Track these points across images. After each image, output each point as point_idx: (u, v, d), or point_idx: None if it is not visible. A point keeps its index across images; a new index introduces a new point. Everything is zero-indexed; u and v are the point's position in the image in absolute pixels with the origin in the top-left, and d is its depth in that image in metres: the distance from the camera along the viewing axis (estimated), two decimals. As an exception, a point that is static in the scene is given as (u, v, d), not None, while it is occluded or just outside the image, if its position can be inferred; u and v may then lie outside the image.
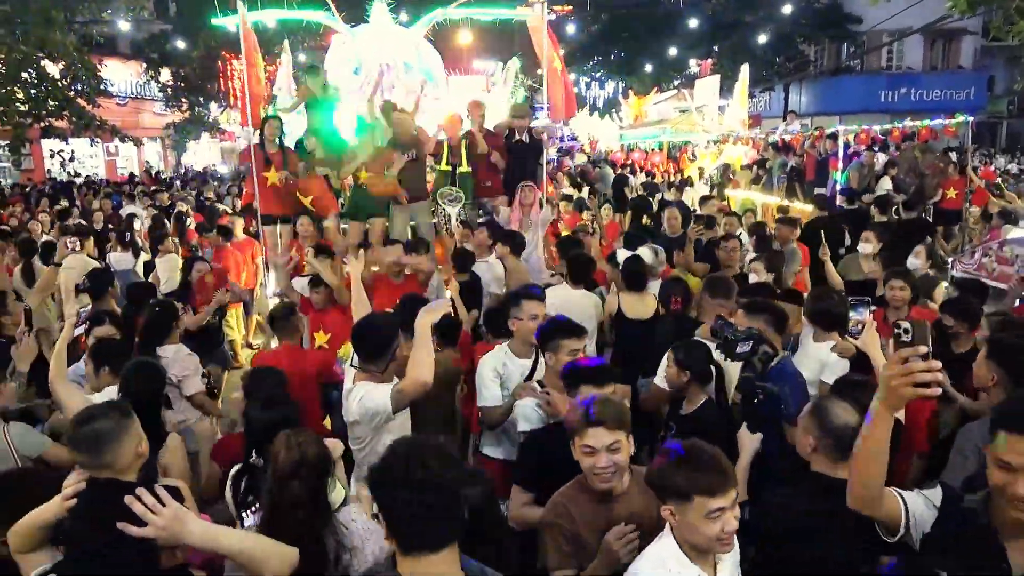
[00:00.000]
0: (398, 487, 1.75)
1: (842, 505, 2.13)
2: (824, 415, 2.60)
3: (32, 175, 24.36)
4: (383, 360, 3.37)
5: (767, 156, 14.21)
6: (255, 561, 2.09)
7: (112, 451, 2.29)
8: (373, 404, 3.23)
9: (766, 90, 30.61)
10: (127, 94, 27.91)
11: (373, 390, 3.26)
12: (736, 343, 3.24)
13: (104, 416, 2.36)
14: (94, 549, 2.02)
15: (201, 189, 17.45)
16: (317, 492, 2.50)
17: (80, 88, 16.30)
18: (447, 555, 1.77)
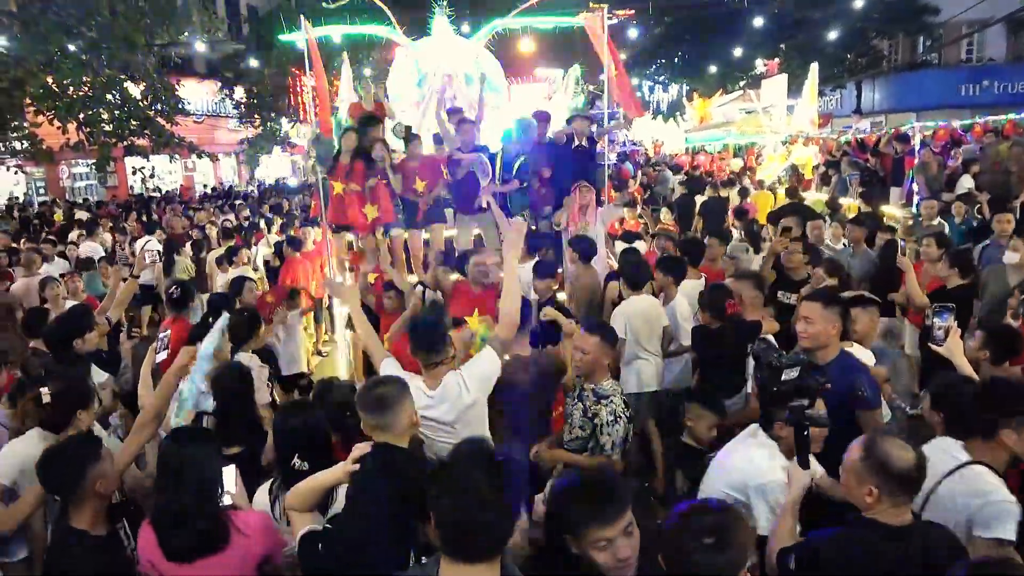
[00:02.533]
0: (448, 493, 1.77)
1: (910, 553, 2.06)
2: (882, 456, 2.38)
3: (116, 192, 25.66)
4: (443, 349, 3.41)
5: (837, 156, 13.74)
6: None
7: (393, 413, 2.55)
8: (482, 370, 3.30)
9: (837, 88, 29.63)
10: (203, 112, 29.06)
11: (471, 365, 3.34)
12: (781, 370, 2.97)
13: (388, 384, 2.68)
14: (364, 511, 2.23)
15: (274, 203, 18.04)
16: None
17: (160, 108, 17.05)
18: (485, 569, 1.76)
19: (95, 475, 2.66)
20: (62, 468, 2.67)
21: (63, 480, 2.67)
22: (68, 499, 2.69)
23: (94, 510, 2.70)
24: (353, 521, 2.29)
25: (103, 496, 2.71)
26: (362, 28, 9.51)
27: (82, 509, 2.68)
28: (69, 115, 15.27)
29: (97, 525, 2.71)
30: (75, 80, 14.96)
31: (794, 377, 2.93)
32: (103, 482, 2.69)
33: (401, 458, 2.50)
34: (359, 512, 2.29)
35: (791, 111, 18.60)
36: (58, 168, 25.73)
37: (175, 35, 18.60)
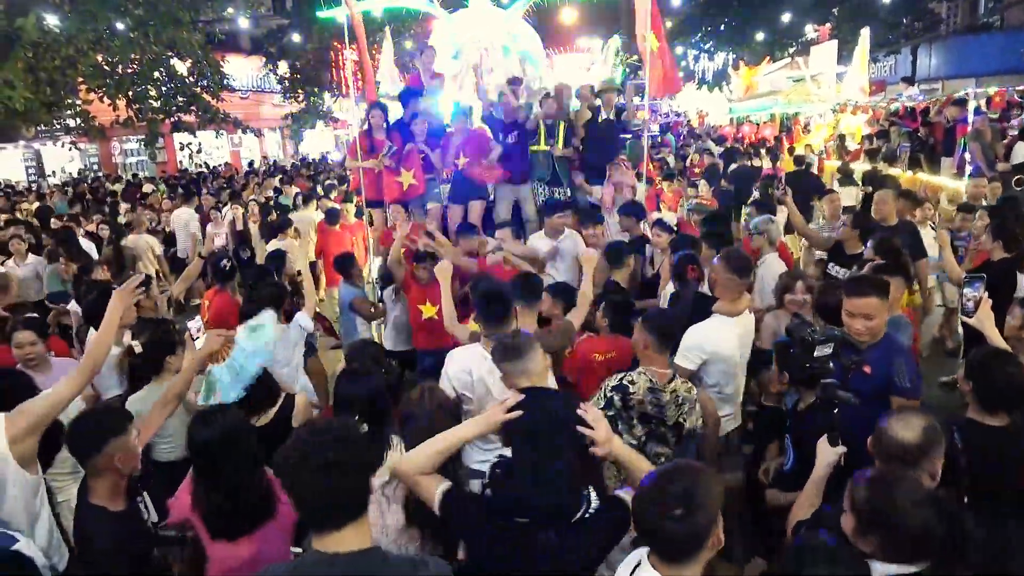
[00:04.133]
0: (299, 472, 1.86)
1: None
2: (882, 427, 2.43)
3: (166, 167, 26.27)
4: (508, 323, 3.54)
5: (885, 125, 13.30)
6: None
7: (530, 358, 2.70)
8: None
9: (891, 54, 28.55)
10: (248, 88, 29.47)
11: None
12: (815, 345, 2.90)
13: (518, 336, 2.86)
14: (544, 450, 2.31)
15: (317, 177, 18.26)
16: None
17: (206, 84, 17.36)
18: (352, 533, 1.88)
19: (115, 447, 2.64)
20: (85, 434, 2.68)
21: (84, 446, 2.67)
22: (87, 467, 2.70)
23: (113, 483, 2.70)
24: (535, 461, 2.31)
25: (121, 470, 2.68)
26: (400, 1, 9.49)
27: (101, 481, 2.69)
28: (119, 92, 15.66)
29: (116, 500, 2.72)
30: (123, 58, 15.31)
31: (827, 353, 2.89)
32: (123, 456, 2.66)
33: (554, 395, 2.66)
34: (540, 451, 2.31)
35: (841, 79, 18.03)
36: (110, 144, 26.43)
37: (219, 11, 18.86)
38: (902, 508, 2.05)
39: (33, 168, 26.51)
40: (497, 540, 2.31)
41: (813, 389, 3.32)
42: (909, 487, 2.11)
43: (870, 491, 2.12)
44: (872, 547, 2.11)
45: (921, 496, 2.08)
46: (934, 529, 2.03)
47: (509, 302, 3.66)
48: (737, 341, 4.01)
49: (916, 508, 2.04)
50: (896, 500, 2.07)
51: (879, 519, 2.09)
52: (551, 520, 2.27)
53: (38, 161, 26.67)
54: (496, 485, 2.39)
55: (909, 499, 2.06)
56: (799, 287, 4.56)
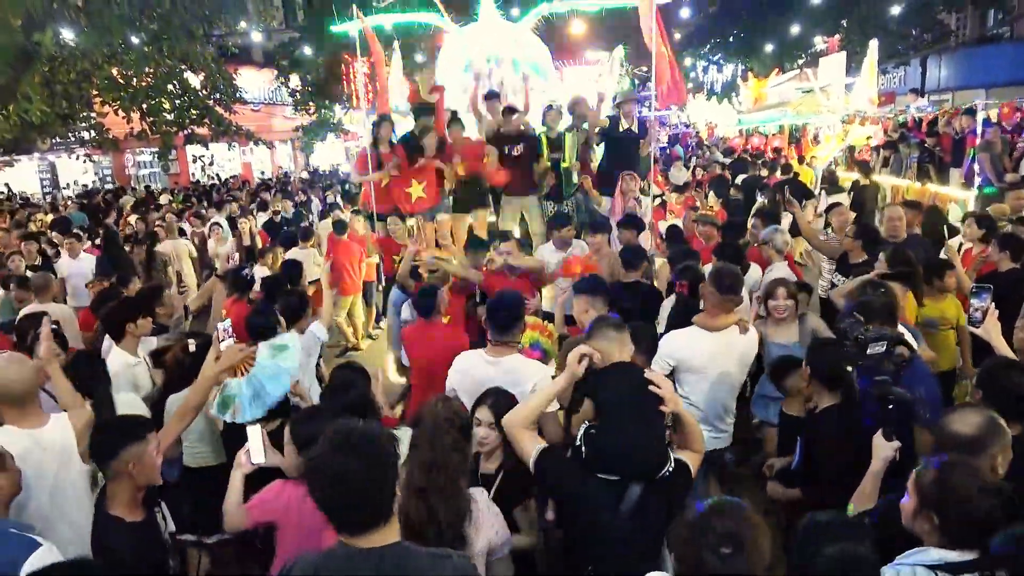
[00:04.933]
0: (326, 478, 1.90)
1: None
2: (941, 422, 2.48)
3: (178, 179, 26.52)
4: (517, 330, 3.65)
5: (894, 137, 13.30)
6: None
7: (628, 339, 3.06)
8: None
9: (900, 65, 28.51)
10: (260, 100, 29.73)
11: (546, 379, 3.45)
12: (867, 343, 2.99)
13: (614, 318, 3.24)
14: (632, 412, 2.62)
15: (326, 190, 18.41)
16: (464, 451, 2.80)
17: (218, 96, 17.54)
18: (380, 533, 1.93)
19: (131, 455, 2.67)
20: (104, 439, 2.75)
21: (101, 450, 2.73)
22: (105, 473, 2.75)
23: (130, 493, 2.73)
24: (625, 424, 2.61)
25: (136, 479, 2.71)
26: (411, 16, 9.61)
27: (119, 489, 2.72)
28: (133, 105, 15.84)
29: (134, 510, 2.75)
30: (138, 71, 15.49)
31: (880, 351, 2.99)
32: (138, 466, 2.68)
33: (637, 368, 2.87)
34: (630, 415, 2.61)
35: (850, 90, 18.03)
36: (123, 156, 26.71)
37: (232, 24, 19.07)
38: (966, 493, 2.12)
39: (48, 180, 26.82)
40: (588, 496, 2.55)
41: (833, 391, 3.40)
42: (975, 474, 2.19)
43: (938, 474, 2.20)
44: (929, 527, 2.19)
45: (987, 484, 2.15)
46: (995, 518, 2.08)
47: (518, 310, 3.75)
48: (708, 355, 3.99)
49: (981, 495, 2.11)
50: (961, 485, 2.14)
51: (942, 501, 2.16)
52: (638, 477, 2.56)
53: (52, 173, 26.97)
54: (590, 444, 2.64)
55: (974, 485, 2.13)
56: (780, 292, 4.62)
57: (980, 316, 3.40)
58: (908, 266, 4.79)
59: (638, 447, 2.59)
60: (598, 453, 2.62)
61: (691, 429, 2.79)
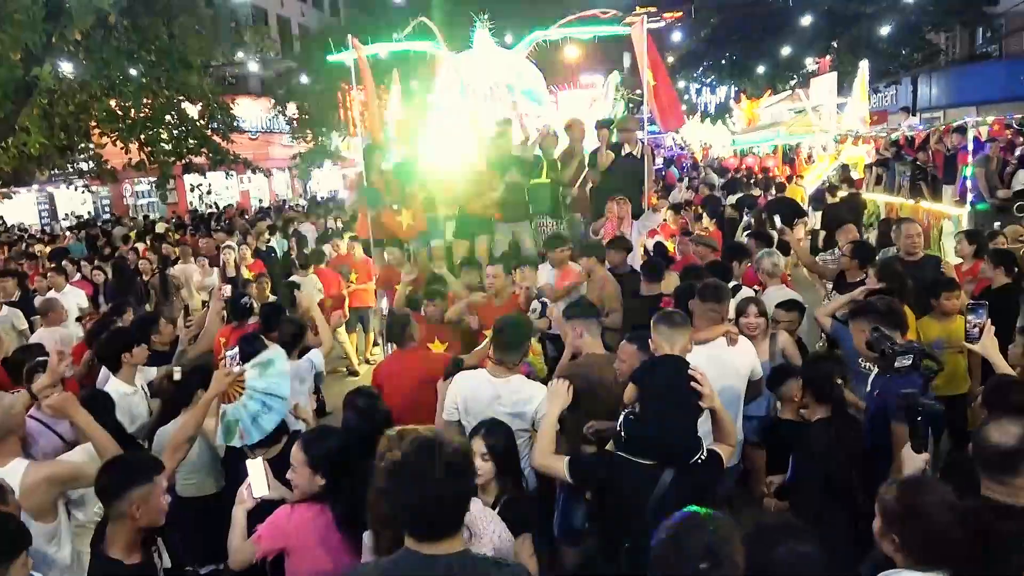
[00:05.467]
0: (410, 482, 1.92)
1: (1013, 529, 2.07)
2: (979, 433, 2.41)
3: (176, 208, 26.61)
4: (522, 352, 3.73)
5: (887, 155, 13.41)
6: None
7: (681, 335, 3.26)
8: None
9: (891, 84, 28.84)
10: (257, 129, 29.96)
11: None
12: (895, 357, 3.04)
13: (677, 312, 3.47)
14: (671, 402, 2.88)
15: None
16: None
17: (216, 126, 17.65)
18: (447, 542, 1.94)
19: (137, 497, 2.60)
20: (111, 477, 2.68)
21: (108, 489, 2.66)
22: (109, 512, 2.68)
23: (130, 536, 2.66)
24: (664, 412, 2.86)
25: (139, 521, 2.63)
26: (408, 44, 9.71)
27: (119, 530, 2.65)
28: (131, 136, 15.94)
29: (132, 553, 2.67)
30: (136, 102, 15.61)
31: (907, 364, 3.03)
32: (143, 507, 2.62)
33: (681, 361, 3.08)
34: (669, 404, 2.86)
35: (842, 109, 18.23)
36: (121, 186, 26.82)
37: (229, 55, 19.25)
38: (925, 510, 2.15)
39: (46, 211, 26.91)
40: (624, 480, 2.70)
41: (823, 404, 3.43)
42: (935, 492, 2.22)
43: (898, 491, 2.25)
44: (893, 547, 2.20)
45: (945, 501, 2.17)
46: (956, 537, 2.11)
47: (524, 331, 3.85)
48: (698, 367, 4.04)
49: (938, 511, 2.14)
50: (920, 502, 2.18)
51: (902, 520, 2.19)
52: (672, 461, 2.77)
53: (51, 204, 27.08)
54: (629, 428, 2.88)
55: (932, 502, 2.16)
56: (751, 310, 4.66)
57: (977, 333, 3.40)
58: (897, 281, 4.80)
59: (671, 434, 2.82)
60: (634, 437, 2.86)
61: (726, 425, 3.04)
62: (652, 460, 2.79)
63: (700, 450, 2.83)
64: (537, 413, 3.49)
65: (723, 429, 3.04)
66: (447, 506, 1.94)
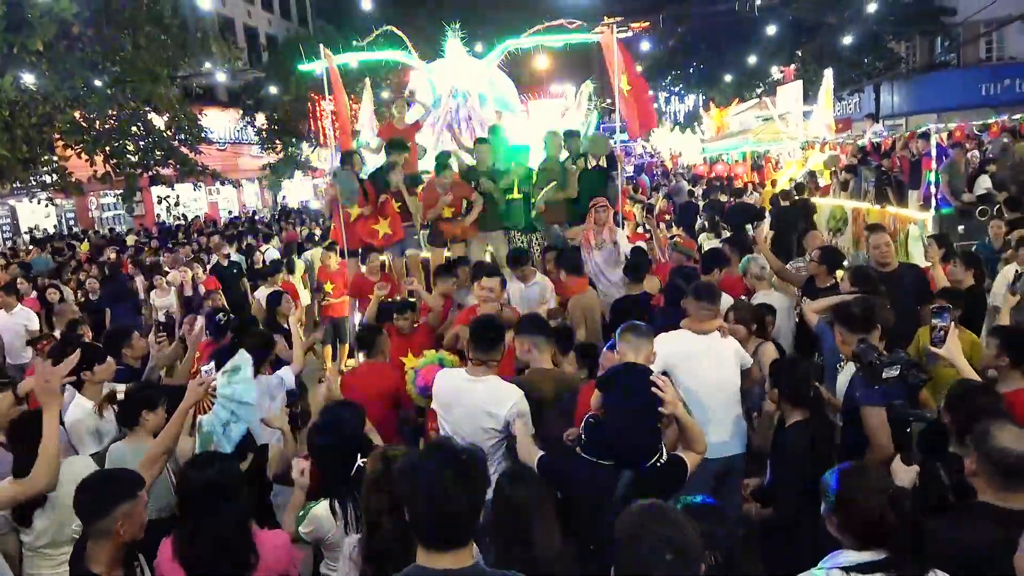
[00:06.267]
0: (423, 495, 1.93)
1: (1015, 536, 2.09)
2: (984, 438, 2.42)
3: (143, 220, 26.20)
4: (498, 350, 3.72)
5: (853, 161, 13.68)
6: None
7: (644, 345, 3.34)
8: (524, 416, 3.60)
9: (854, 92, 29.44)
10: (226, 140, 29.64)
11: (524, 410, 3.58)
12: (882, 368, 3.08)
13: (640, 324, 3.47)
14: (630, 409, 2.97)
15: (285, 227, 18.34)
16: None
17: (183, 137, 17.41)
18: (457, 554, 1.94)
19: (123, 513, 2.56)
20: (94, 496, 2.60)
21: (91, 508, 2.59)
22: (90, 531, 2.61)
23: (112, 551, 2.60)
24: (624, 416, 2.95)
25: (123, 537, 2.58)
26: (379, 54, 9.68)
27: (100, 547, 2.58)
28: (96, 148, 15.64)
29: (114, 568, 2.62)
30: (101, 114, 15.35)
31: (894, 375, 3.08)
32: (128, 523, 2.57)
33: (644, 369, 3.17)
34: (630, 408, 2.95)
35: (808, 117, 18.55)
36: (87, 199, 26.33)
37: (196, 66, 19.03)
38: (860, 494, 2.27)
39: (8, 225, 26.30)
40: (588, 481, 2.78)
41: (799, 407, 3.46)
42: (870, 477, 2.35)
43: (837, 478, 2.37)
44: (835, 530, 2.34)
45: (879, 486, 2.30)
46: (889, 519, 2.21)
47: (500, 331, 3.83)
48: (698, 354, 4.16)
49: (872, 495, 2.25)
50: (855, 486, 2.30)
51: (840, 505, 2.31)
52: (631, 463, 2.87)
53: (13, 218, 26.46)
54: (589, 432, 3.02)
55: (867, 486, 2.29)
56: (730, 316, 4.75)
57: (942, 336, 3.44)
58: (869, 285, 4.86)
59: (628, 438, 2.91)
60: (594, 440, 2.99)
61: (691, 431, 3.09)
62: (610, 462, 2.89)
63: (659, 453, 2.91)
64: (511, 415, 3.50)
65: (689, 436, 3.09)
66: (458, 519, 1.94)
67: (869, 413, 3.32)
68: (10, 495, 3.12)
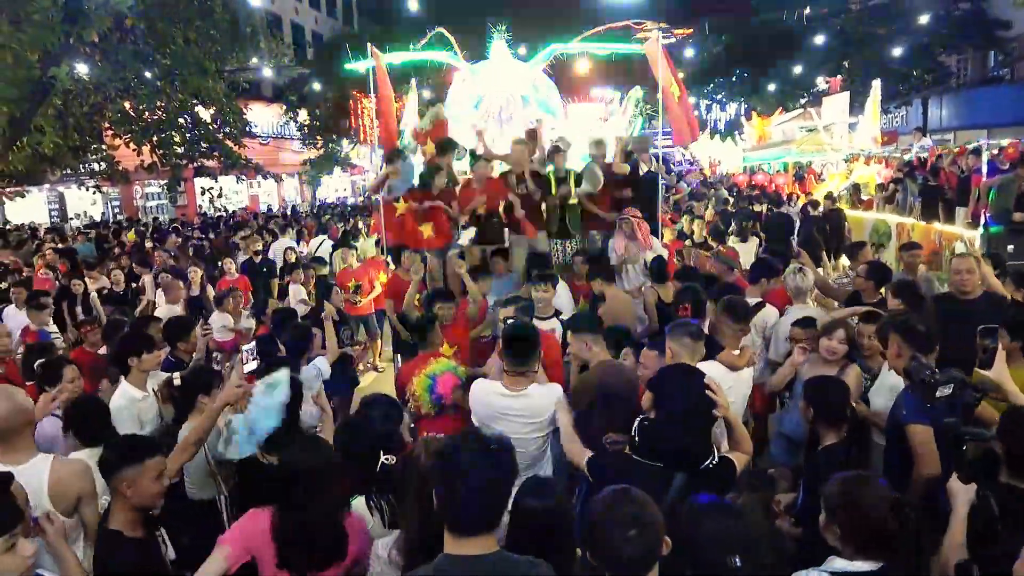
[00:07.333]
0: (455, 478, 1.99)
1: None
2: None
3: (186, 211, 26.71)
4: (534, 362, 3.68)
5: (900, 175, 13.40)
6: None
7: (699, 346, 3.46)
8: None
9: (902, 105, 28.87)
10: (269, 134, 30.10)
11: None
12: (936, 387, 2.99)
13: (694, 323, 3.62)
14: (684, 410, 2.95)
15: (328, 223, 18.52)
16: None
17: (228, 130, 17.73)
18: (484, 540, 2.02)
19: (127, 477, 2.71)
20: (106, 456, 2.83)
21: (103, 468, 2.80)
22: (110, 489, 2.80)
23: (127, 513, 2.76)
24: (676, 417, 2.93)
25: (131, 500, 2.74)
26: (425, 54, 9.72)
27: (117, 507, 2.77)
28: (144, 138, 16.03)
29: (135, 528, 2.77)
30: (150, 105, 15.71)
31: (948, 394, 3.01)
32: (133, 488, 2.72)
33: (697, 370, 3.16)
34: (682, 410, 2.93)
35: (853, 129, 18.23)
36: (132, 188, 26.94)
37: (243, 61, 19.39)
38: (862, 503, 2.29)
39: (56, 211, 27.02)
40: (637, 484, 2.65)
41: (834, 428, 3.38)
42: (872, 487, 2.35)
43: (840, 486, 2.38)
44: (835, 538, 2.35)
45: (882, 496, 2.30)
46: (889, 527, 2.23)
47: (534, 340, 3.73)
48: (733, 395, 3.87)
49: (875, 505, 2.26)
50: (858, 496, 2.31)
51: (842, 512, 2.33)
52: (682, 466, 2.85)
53: (61, 204, 27.18)
54: (642, 434, 2.98)
55: (869, 496, 2.30)
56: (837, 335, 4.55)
57: (990, 358, 3.31)
58: (914, 300, 4.72)
59: (682, 440, 2.88)
60: (647, 442, 2.95)
61: (740, 433, 3.14)
62: (663, 464, 2.88)
63: (711, 456, 2.91)
64: (552, 413, 3.57)
65: (738, 438, 3.13)
66: (486, 505, 2.01)
67: (915, 431, 3.24)
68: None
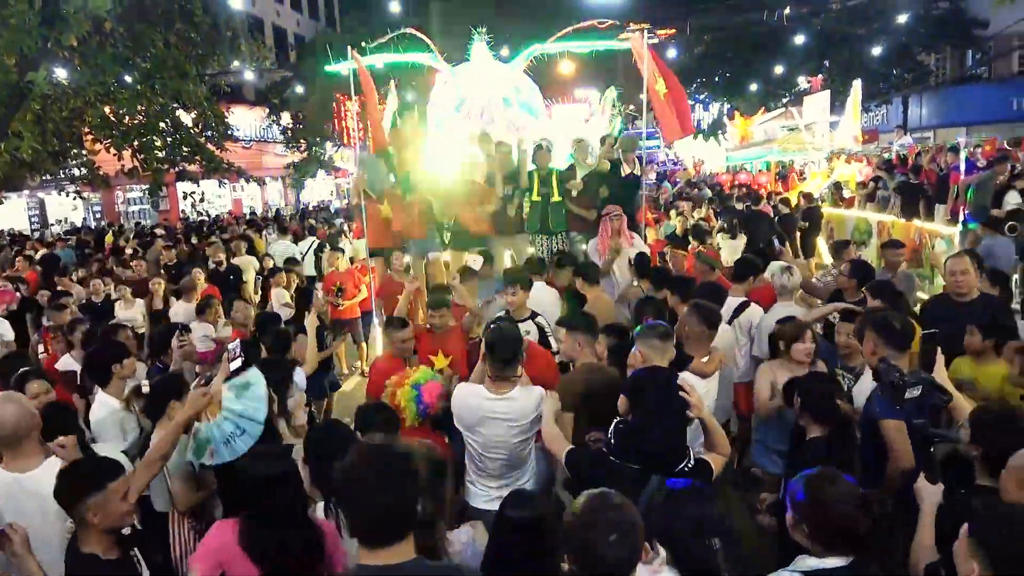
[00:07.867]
0: (351, 497, 1.98)
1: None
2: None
3: (168, 215, 26.51)
4: (518, 366, 3.66)
5: (880, 174, 13.52)
6: None
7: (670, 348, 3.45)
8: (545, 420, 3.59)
9: (882, 104, 29.15)
10: (251, 137, 29.93)
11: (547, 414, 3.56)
12: (905, 388, 3.01)
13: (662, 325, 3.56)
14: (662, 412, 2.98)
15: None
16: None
17: (210, 134, 17.61)
18: (397, 548, 1.96)
19: (93, 504, 2.59)
20: (64, 486, 2.65)
21: (63, 497, 2.64)
22: (72, 517, 2.66)
23: (97, 536, 2.64)
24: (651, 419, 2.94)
25: (99, 526, 2.62)
26: (405, 56, 9.70)
27: (85, 532, 2.64)
28: (124, 143, 15.88)
29: (108, 550, 2.66)
30: (130, 109, 15.57)
31: (916, 396, 3.03)
32: (101, 514, 2.60)
33: (670, 372, 3.22)
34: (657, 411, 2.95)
35: (834, 127, 18.39)
36: (113, 194, 26.70)
37: (225, 64, 19.25)
38: (829, 502, 2.31)
39: (36, 217, 26.73)
40: (613, 484, 2.62)
41: (819, 423, 3.43)
42: (838, 485, 2.36)
43: (804, 486, 2.40)
44: (804, 537, 2.38)
45: (848, 494, 2.33)
46: (858, 525, 2.27)
47: (518, 345, 3.71)
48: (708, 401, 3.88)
49: (841, 503, 2.29)
50: (824, 494, 2.33)
51: (808, 510, 2.35)
52: (658, 467, 2.83)
53: (41, 210, 26.90)
54: (617, 436, 3.01)
55: (836, 495, 2.32)
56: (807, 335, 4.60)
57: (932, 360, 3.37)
58: (892, 299, 4.71)
59: (657, 442, 2.90)
60: (622, 444, 2.97)
61: (716, 435, 3.13)
62: (637, 465, 2.87)
63: (687, 458, 2.91)
64: (537, 413, 3.56)
65: (714, 440, 3.13)
66: (387, 515, 1.95)
67: (888, 425, 3.27)
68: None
